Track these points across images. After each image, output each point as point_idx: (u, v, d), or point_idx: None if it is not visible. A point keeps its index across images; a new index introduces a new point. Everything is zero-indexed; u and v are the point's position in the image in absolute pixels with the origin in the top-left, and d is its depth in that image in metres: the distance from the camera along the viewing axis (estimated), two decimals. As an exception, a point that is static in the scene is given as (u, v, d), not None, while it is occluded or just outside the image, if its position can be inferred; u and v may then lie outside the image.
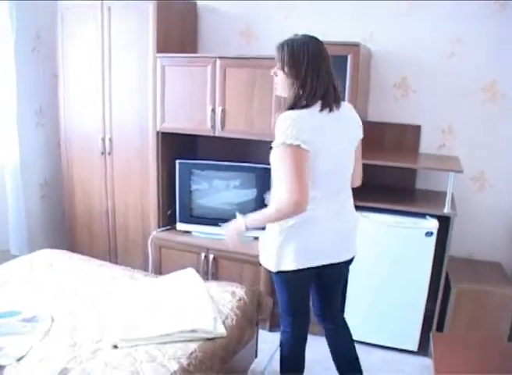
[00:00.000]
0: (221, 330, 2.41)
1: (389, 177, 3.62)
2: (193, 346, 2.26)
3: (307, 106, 2.10)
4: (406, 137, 3.60)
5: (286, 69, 2.15)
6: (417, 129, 3.57)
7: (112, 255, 3.95)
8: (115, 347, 2.23)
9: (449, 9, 3.30)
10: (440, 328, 3.21)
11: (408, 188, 3.63)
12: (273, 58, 3.07)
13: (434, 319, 3.21)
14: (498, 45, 3.23)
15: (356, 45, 2.96)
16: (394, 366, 3.21)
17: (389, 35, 3.47)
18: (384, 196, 3.33)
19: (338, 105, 2.19)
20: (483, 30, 3.28)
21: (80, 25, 3.62)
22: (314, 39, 2.18)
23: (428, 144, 3.57)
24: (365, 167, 3.37)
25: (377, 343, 3.37)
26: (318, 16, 3.55)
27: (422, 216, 3.09)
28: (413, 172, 3.61)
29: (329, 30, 3.49)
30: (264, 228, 2.32)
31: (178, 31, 3.62)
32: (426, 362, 3.19)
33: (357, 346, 3.34)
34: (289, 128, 2.04)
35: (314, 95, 2.10)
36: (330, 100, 2.14)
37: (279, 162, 2.11)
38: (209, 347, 2.31)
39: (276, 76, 2.24)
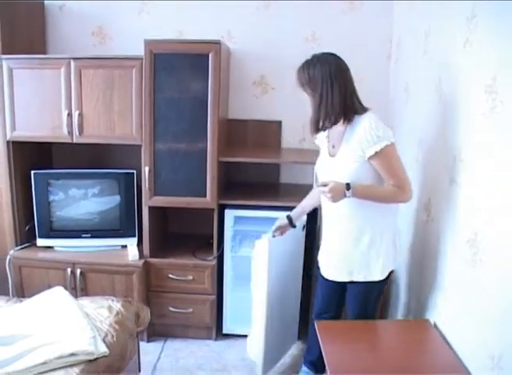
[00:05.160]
0: (103, 349, 2.27)
1: (254, 174, 3.67)
2: (75, 371, 2.11)
3: None
4: (268, 133, 3.66)
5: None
6: (278, 124, 3.65)
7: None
8: (-15, 386, 2.00)
9: (305, 7, 3.42)
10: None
11: (273, 183, 3.71)
12: (131, 58, 3.01)
13: (310, 307, 3.31)
14: (350, 43, 3.39)
15: (217, 43, 2.93)
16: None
17: (247, 33, 3.51)
18: (250, 193, 3.36)
19: None
20: (336, 27, 3.44)
21: None
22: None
23: (289, 138, 3.66)
24: (229, 165, 3.41)
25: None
26: (173, 14, 3.48)
27: (290, 209, 3.16)
28: (276, 167, 3.69)
29: (186, 29, 3.47)
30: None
31: (25, 32, 3.32)
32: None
33: (236, 342, 3.37)
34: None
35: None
36: None
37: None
38: (92, 369, 2.17)
39: None
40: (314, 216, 3.14)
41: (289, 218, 2.78)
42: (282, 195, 3.50)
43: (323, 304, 2.69)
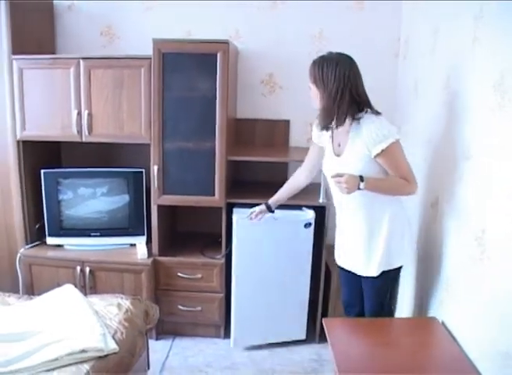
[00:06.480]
0: (112, 346, 2.30)
1: (262, 173, 3.68)
2: (85, 367, 2.13)
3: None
4: (276, 132, 3.68)
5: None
6: (286, 123, 3.66)
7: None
8: (-3, 382, 2.02)
9: (312, 5, 3.43)
10: (324, 314, 3.32)
11: (281, 182, 3.69)
12: (139, 58, 3.02)
13: (318, 306, 3.33)
14: (358, 41, 3.39)
15: (225, 43, 2.94)
16: (284, 356, 3.27)
17: (255, 32, 3.52)
18: (258, 191, 3.34)
19: None
20: (344, 25, 3.45)
21: None
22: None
23: (297, 137, 3.67)
24: (238, 164, 3.42)
25: (266, 342, 3.39)
26: (181, 14, 3.49)
27: (298, 207, 3.17)
28: (284, 166, 3.69)
29: (194, 29, 3.49)
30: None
31: (34, 32, 3.35)
32: (314, 349, 3.31)
33: (247, 352, 3.34)
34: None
35: None
36: None
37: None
38: (103, 365, 2.19)
39: None
40: (322, 214, 3.16)
41: (267, 205, 2.91)
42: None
43: (349, 296, 2.70)
